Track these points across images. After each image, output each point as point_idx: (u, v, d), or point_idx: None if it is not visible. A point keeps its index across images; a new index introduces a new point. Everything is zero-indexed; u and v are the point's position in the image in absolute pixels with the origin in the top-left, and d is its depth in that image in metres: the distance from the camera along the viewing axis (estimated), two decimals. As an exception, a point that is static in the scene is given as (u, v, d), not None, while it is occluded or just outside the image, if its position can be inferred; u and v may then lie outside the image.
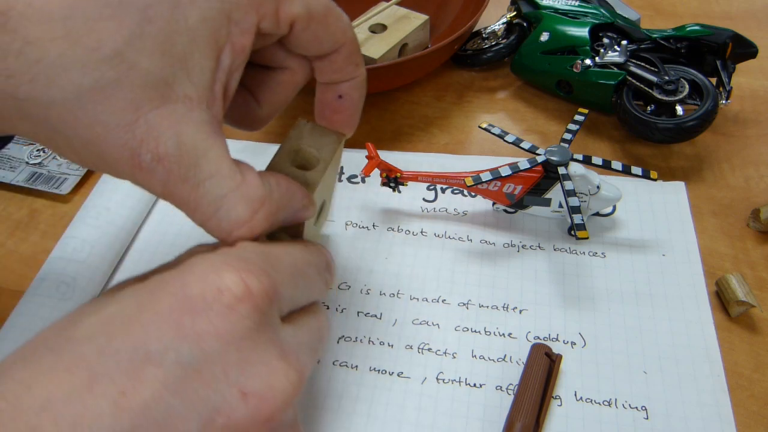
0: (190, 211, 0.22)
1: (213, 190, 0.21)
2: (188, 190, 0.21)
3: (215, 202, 0.21)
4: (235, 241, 0.23)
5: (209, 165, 0.21)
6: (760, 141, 0.47)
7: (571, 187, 0.37)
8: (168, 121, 0.20)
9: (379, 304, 0.38)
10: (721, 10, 0.61)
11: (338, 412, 0.33)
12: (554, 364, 0.33)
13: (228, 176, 0.21)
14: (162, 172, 0.20)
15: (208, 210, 0.21)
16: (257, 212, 0.22)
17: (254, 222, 0.22)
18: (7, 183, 0.47)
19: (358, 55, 0.27)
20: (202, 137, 0.21)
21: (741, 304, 0.35)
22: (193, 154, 0.21)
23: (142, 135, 0.20)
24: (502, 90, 0.54)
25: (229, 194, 0.21)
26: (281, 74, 0.27)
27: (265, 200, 0.22)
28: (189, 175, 0.21)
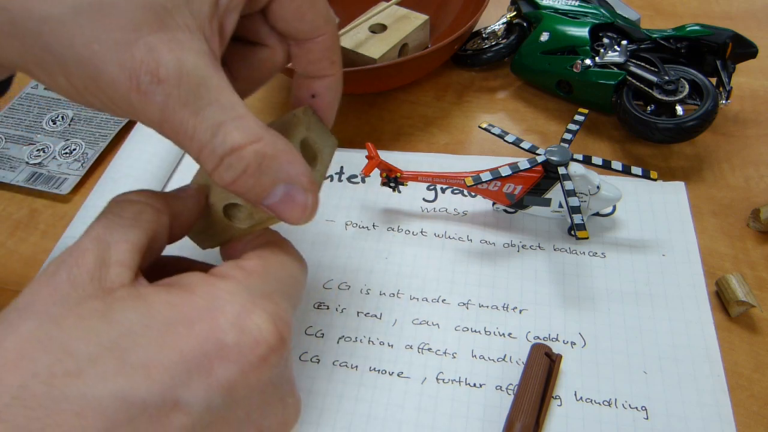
0: (187, 139, 0.21)
1: (212, 116, 0.21)
2: (187, 115, 0.20)
3: (212, 128, 0.21)
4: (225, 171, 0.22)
5: (210, 92, 0.21)
6: (760, 141, 0.47)
7: (571, 187, 0.37)
8: (168, 46, 0.20)
9: (379, 304, 0.38)
10: (721, 10, 0.61)
11: (338, 412, 0.33)
12: (554, 364, 0.33)
13: (228, 106, 0.21)
14: (161, 95, 0.20)
15: (205, 136, 0.21)
16: (251, 143, 0.21)
17: (246, 151, 0.21)
18: (7, 183, 0.47)
19: (335, 53, 0.27)
20: (202, 65, 0.20)
21: (741, 304, 0.35)
22: (195, 80, 0.20)
23: (142, 56, 0.19)
24: (502, 90, 0.54)
25: (228, 122, 0.21)
26: (260, 51, 0.27)
27: (262, 138, 0.22)
28: (189, 99, 0.20)
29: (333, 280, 0.39)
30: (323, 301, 0.38)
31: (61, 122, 0.53)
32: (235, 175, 0.22)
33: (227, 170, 0.21)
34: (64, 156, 0.49)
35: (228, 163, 0.21)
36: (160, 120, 0.20)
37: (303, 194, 0.23)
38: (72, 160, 0.49)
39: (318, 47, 0.26)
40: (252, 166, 0.21)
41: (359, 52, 0.49)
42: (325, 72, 0.27)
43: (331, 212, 0.43)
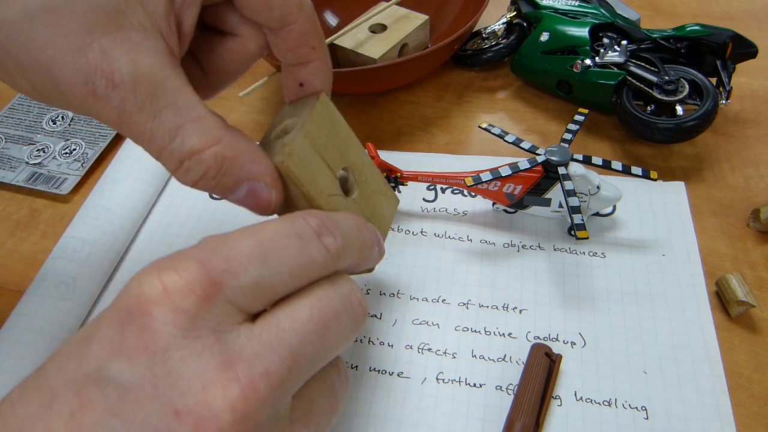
0: (146, 142, 0.21)
1: (169, 120, 0.20)
2: (144, 119, 0.20)
3: (171, 132, 0.20)
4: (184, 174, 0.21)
5: (166, 94, 0.20)
6: (760, 141, 0.47)
7: (571, 187, 0.37)
8: (122, 48, 0.19)
9: (379, 304, 0.38)
10: (721, 10, 0.61)
11: (338, 412, 0.33)
12: (554, 364, 0.33)
13: (187, 107, 0.21)
14: (117, 99, 0.20)
15: (163, 140, 0.21)
16: (210, 147, 0.21)
17: (205, 155, 0.21)
18: (7, 183, 0.47)
19: (314, 37, 0.26)
20: (158, 66, 0.20)
21: (741, 304, 0.35)
22: (150, 83, 0.20)
23: (96, 60, 0.19)
24: (502, 90, 0.54)
25: (186, 124, 0.21)
26: (231, 41, 0.26)
27: (222, 140, 0.21)
28: (145, 103, 0.20)
29: (333, 280, 0.39)
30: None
31: (61, 122, 0.53)
32: (196, 178, 0.22)
33: (187, 173, 0.21)
34: (64, 156, 0.49)
35: (187, 166, 0.21)
36: (118, 123, 0.20)
37: (266, 191, 0.23)
38: (72, 160, 0.49)
39: (293, 35, 0.25)
40: (212, 169, 0.21)
41: (359, 52, 0.49)
42: (307, 58, 0.26)
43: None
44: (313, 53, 0.26)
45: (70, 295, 0.37)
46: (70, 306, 0.37)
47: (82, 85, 0.19)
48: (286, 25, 0.25)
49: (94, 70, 0.19)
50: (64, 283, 0.37)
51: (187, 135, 0.21)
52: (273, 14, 0.24)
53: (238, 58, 0.26)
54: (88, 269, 0.38)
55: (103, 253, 0.40)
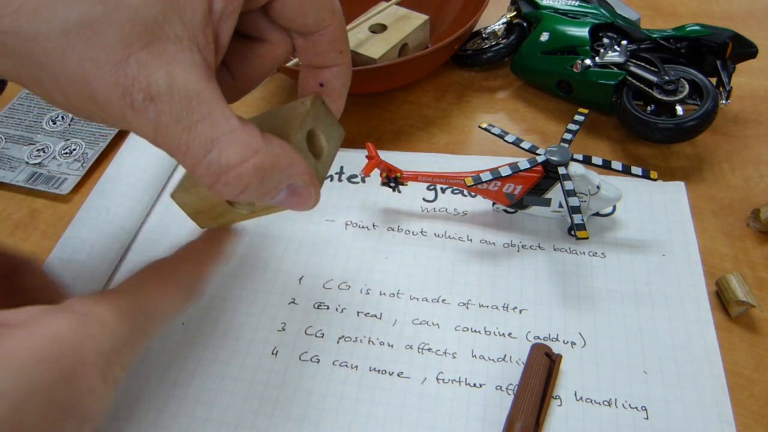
0: (181, 155, 0.21)
1: (205, 132, 0.20)
2: (180, 131, 0.20)
3: (206, 145, 0.20)
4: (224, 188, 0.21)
5: (202, 107, 0.20)
6: (760, 141, 0.47)
7: (571, 187, 0.37)
8: (159, 61, 0.19)
9: (379, 304, 0.38)
10: (721, 10, 0.61)
11: (338, 412, 0.33)
12: (554, 364, 0.33)
13: (222, 120, 0.21)
14: (154, 112, 0.20)
15: (199, 153, 0.20)
16: (248, 160, 0.21)
17: (244, 168, 0.21)
18: (7, 183, 0.47)
19: (343, 42, 0.26)
20: (194, 78, 0.20)
21: (741, 304, 0.35)
22: (185, 95, 0.20)
23: (134, 73, 0.19)
24: (502, 90, 0.54)
25: (222, 137, 0.20)
26: (260, 47, 0.26)
27: (259, 150, 0.21)
28: (181, 115, 0.20)
29: (333, 280, 0.39)
30: (323, 301, 0.38)
31: (61, 122, 0.53)
32: (237, 192, 0.22)
33: (227, 187, 0.21)
34: (64, 156, 0.49)
35: (226, 181, 0.21)
36: (154, 136, 0.20)
37: (306, 189, 0.24)
38: (72, 160, 0.49)
39: (324, 39, 0.25)
40: (253, 181, 0.21)
41: (359, 52, 0.49)
42: (333, 62, 0.26)
43: (331, 212, 0.43)
44: (339, 57, 0.26)
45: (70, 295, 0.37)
46: (70, 306, 0.37)
47: (120, 98, 0.19)
48: (318, 30, 0.25)
49: (131, 84, 0.19)
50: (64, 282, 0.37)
51: (224, 148, 0.21)
52: (308, 21, 0.24)
53: (266, 62, 0.26)
54: (88, 269, 0.38)
55: (103, 253, 0.40)
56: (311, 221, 0.43)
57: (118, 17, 0.19)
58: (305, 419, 0.33)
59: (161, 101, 0.20)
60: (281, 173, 0.22)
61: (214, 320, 0.37)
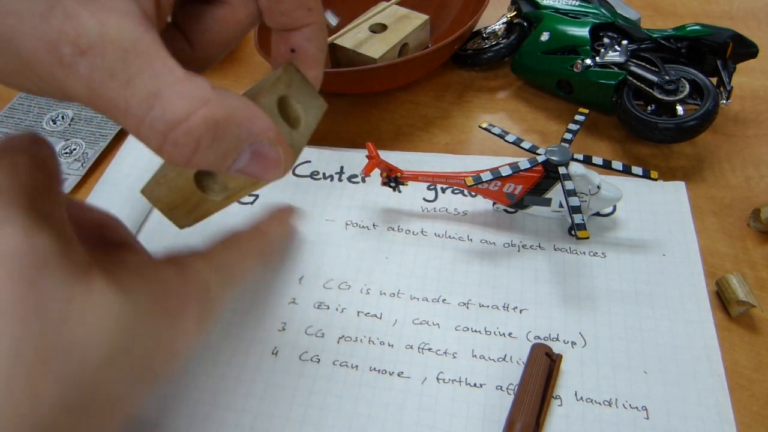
0: (121, 114, 0.18)
1: (145, 85, 0.18)
2: (116, 87, 0.18)
3: (147, 99, 0.18)
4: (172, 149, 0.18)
5: (140, 58, 0.18)
6: (760, 141, 0.47)
7: (572, 186, 0.37)
8: (89, 9, 0.17)
9: (379, 304, 0.38)
10: (722, 10, 0.61)
11: (338, 412, 0.33)
12: (554, 364, 0.33)
13: (164, 71, 0.18)
14: (85, 67, 0.17)
15: (140, 110, 0.18)
16: (197, 111, 0.18)
17: (192, 122, 0.18)
18: (7, 183, 0.47)
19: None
20: (129, 27, 0.18)
21: (741, 304, 0.35)
22: (120, 46, 0.18)
23: (60, 24, 0.17)
24: (502, 90, 0.54)
25: (165, 89, 0.18)
26: (219, 9, 0.23)
27: (210, 100, 0.18)
28: (116, 69, 0.18)
29: (333, 280, 0.39)
30: (323, 301, 0.38)
31: (61, 122, 0.53)
32: (188, 152, 0.19)
33: (175, 147, 0.18)
34: (64, 156, 0.49)
35: (174, 139, 0.18)
36: (89, 95, 0.18)
37: (272, 149, 0.21)
38: (72, 160, 0.49)
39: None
40: (205, 137, 0.18)
41: (359, 52, 0.49)
42: (302, 21, 0.24)
43: (331, 212, 0.43)
44: (309, 16, 0.24)
45: (70, 295, 0.37)
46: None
47: (47, 54, 0.17)
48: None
49: (58, 36, 0.17)
50: None
51: (168, 101, 0.18)
52: None
53: (228, 28, 0.24)
54: (88, 269, 0.38)
55: (103, 253, 0.40)
56: (311, 221, 0.43)
57: None
58: (305, 419, 0.33)
59: (93, 54, 0.17)
60: (239, 128, 0.20)
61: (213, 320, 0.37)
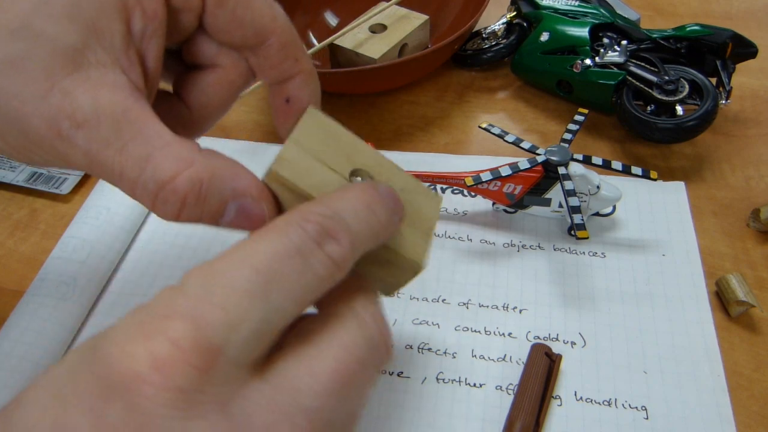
0: (117, 179, 0.20)
1: (137, 151, 0.19)
2: (111, 154, 0.19)
3: (140, 163, 0.19)
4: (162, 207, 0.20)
5: (131, 126, 0.20)
6: (760, 141, 0.47)
7: (571, 186, 0.37)
8: (83, 87, 0.19)
9: (379, 304, 0.38)
10: (721, 10, 0.61)
11: (338, 412, 0.33)
12: (554, 364, 0.33)
13: (154, 136, 0.20)
14: (83, 138, 0.19)
15: (133, 173, 0.20)
16: (182, 172, 0.19)
17: (178, 181, 0.19)
18: (7, 183, 0.47)
19: (295, 48, 0.25)
20: (120, 99, 0.20)
21: (741, 304, 0.35)
22: (113, 117, 0.19)
23: (59, 102, 0.19)
24: (502, 90, 0.54)
25: (155, 153, 0.19)
26: (212, 74, 0.25)
27: (195, 162, 0.20)
28: (111, 138, 0.19)
29: (333, 280, 0.39)
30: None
31: (61, 122, 0.52)
32: (176, 209, 0.20)
33: (165, 205, 0.20)
34: (64, 156, 0.49)
35: (163, 198, 0.20)
36: (88, 163, 0.20)
37: (256, 205, 0.22)
38: (72, 160, 0.49)
39: (273, 50, 0.24)
40: (190, 195, 0.20)
41: (359, 52, 0.49)
42: (291, 71, 0.25)
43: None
44: (296, 65, 0.25)
45: (70, 295, 0.37)
46: (70, 306, 0.37)
47: (48, 130, 0.19)
48: (263, 41, 0.24)
49: (57, 113, 0.19)
50: (64, 283, 0.37)
51: (157, 163, 0.19)
52: (246, 32, 0.23)
53: (222, 90, 0.25)
54: (88, 269, 0.38)
55: (103, 253, 0.40)
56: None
57: (39, 51, 0.19)
58: (305, 419, 0.33)
59: (89, 126, 0.19)
60: (223, 187, 0.20)
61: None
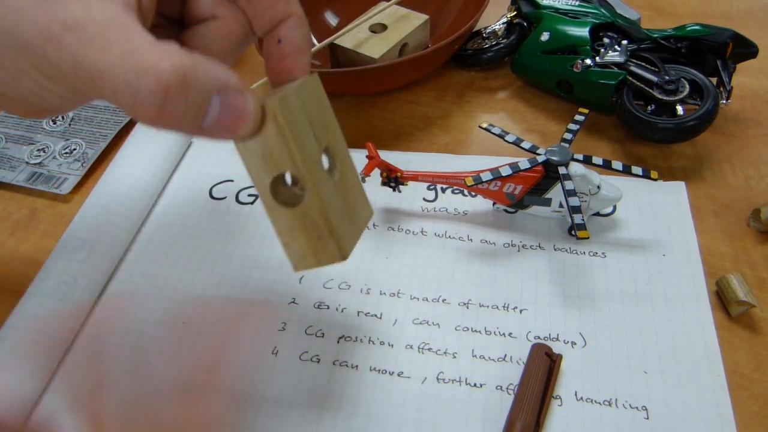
0: (100, 78, 0.20)
1: (121, 47, 0.20)
2: (95, 53, 0.20)
3: (122, 56, 0.20)
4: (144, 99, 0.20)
5: (117, 30, 0.20)
6: (760, 141, 0.47)
7: (572, 186, 0.37)
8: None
9: (379, 304, 0.38)
10: (722, 10, 0.61)
11: (338, 412, 0.33)
12: (554, 364, 0.33)
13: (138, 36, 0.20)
14: (70, 39, 0.20)
15: (116, 68, 0.20)
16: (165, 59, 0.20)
17: (161, 67, 0.19)
18: (7, 183, 0.47)
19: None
20: (111, 10, 0.21)
21: (741, 304, 0.35)
22: (101, 22, 0.20)
23: (51, 10, 0.20)
24: (502, 90, 0.54)
25: (139, 48, 0.20)
26: (213, 25, 0.26)
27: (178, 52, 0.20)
28: (95, 38, 0.20)
29: (333, 280, 0.39)
30: (323, 300, 0.38)
31: (61, 122, 0.53)
32: (159, 101, 0.20)
33: (147, 98, 0.20)
34: (64, 156, 0.49)
35: (146, 88, 0.19)
36: (73, 66, 0.20)
37: (240, 96, 0.21)
38: (72, 160, 0.49)
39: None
40: (173, 83, 0.20)
41: (359, 52, 0.49)
42: (283, 14, 0.25)
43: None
44: (288, 7, 0.26)
45: (70, 295, 0.37)
46: (70, 306, 0.37)
47: (39, 35, 0.20)
48: None
49: (49, 19, 0.20)
50: (64, 283, 0.37)
51: (140, 56, 0.20)
52: None
53: (224, 41, 0.26)
54: (88, 269, 0.38)
55: (103, 253, 0.40)
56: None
57: None
58: (305, 419, 0.33)
59: (77, 29, 0.20)
60: (206, 75, 0.21)
61: (213, 320, 0.37)
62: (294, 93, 0.24)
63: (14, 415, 0.33)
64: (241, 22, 0.26)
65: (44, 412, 0.34)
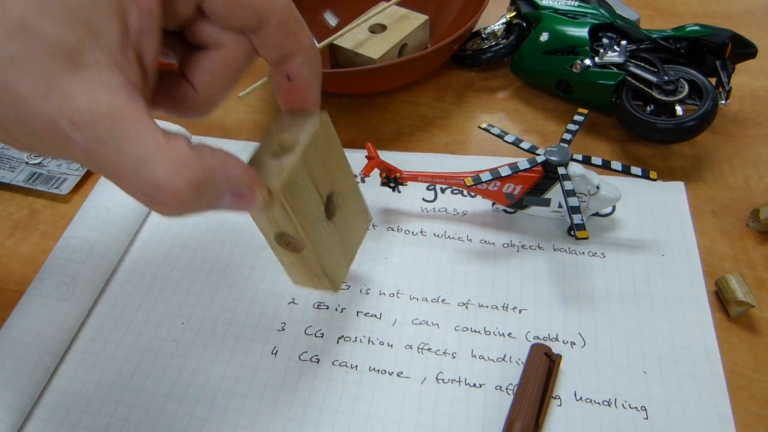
0: (115, 178, 0.21)
1: (133, 153, 0.20)
2: (108, 154, 0.20)
3: (136, 166, 0.20)
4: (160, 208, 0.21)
5: (127, 128, 0.20)
6: (759, 141, 0.47)
7: (571, 187, 0.37)
8: (80, 88, 0.20)
9: (379, 304, 0.38)
10: (721, 10, 0.61)
11: (338, 412, 0.33)
12: (554, 364, 0.33)
13: (149, 138, 0.21)
14: (81, 138, 0.20)
15: (130, 175, 0.21)
16: (179, 174, 0.21)
17: (176, 184, 0.21)
18: (7, 183, 0.47)
19: (294, 25, 0.25)
20: (116, 101, 0.21)
21: (740, 304, 0.35)
22: (109, 118, 0.20)
23: (58, 104, 0.20)
24: (501, 90, 0.54)
25: (150, 156, 0.21)
26: (215, 53, 0.26)
27: (189, 163, 0.21)
28: (108, 139, 0.20)
29: (333, 280, 0.39)
30: (323, 301, 0.38)
31: (61, 122, 0.53)
32: (176, 210, 0.21)
33: (163, 207, 0.21)
34: (63, 156, 0.49)
35: (161, 200, 0.21)
36: (87, 161, 0.21)
37: (248, 190, 0.24)
38: (72, 160, 0.49)
39: (272, 29, 0.25)
40: (189, 197, 0.21)
41: (359, 52, 0.49)
42: (292, 49, 0.25)
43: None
44: (297, 43, 0.25)
45: (70, 295, 0.37)
46: (70, 306, 0.37)
47: (49, 130, 0.20)
48: (263, 21, 0.24)
49: (57, 114, 0.20)
50: (64, 283, 0.37)
51: (154, 168, 0.21)
52: (246, 15, 0.24)
53: (227, 68, 0.26)
54: (88, 269, 0.38)
55: (103, 253, 0.40)
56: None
57: (39, 51, 0.20)
58: (305, 419, 0.33)
59: (86, 127, 0.20)
60: (217, 180, 0.22)
61: (213, 320, 0.37)
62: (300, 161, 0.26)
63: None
64: (243, 50, 0.26)
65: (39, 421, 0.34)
